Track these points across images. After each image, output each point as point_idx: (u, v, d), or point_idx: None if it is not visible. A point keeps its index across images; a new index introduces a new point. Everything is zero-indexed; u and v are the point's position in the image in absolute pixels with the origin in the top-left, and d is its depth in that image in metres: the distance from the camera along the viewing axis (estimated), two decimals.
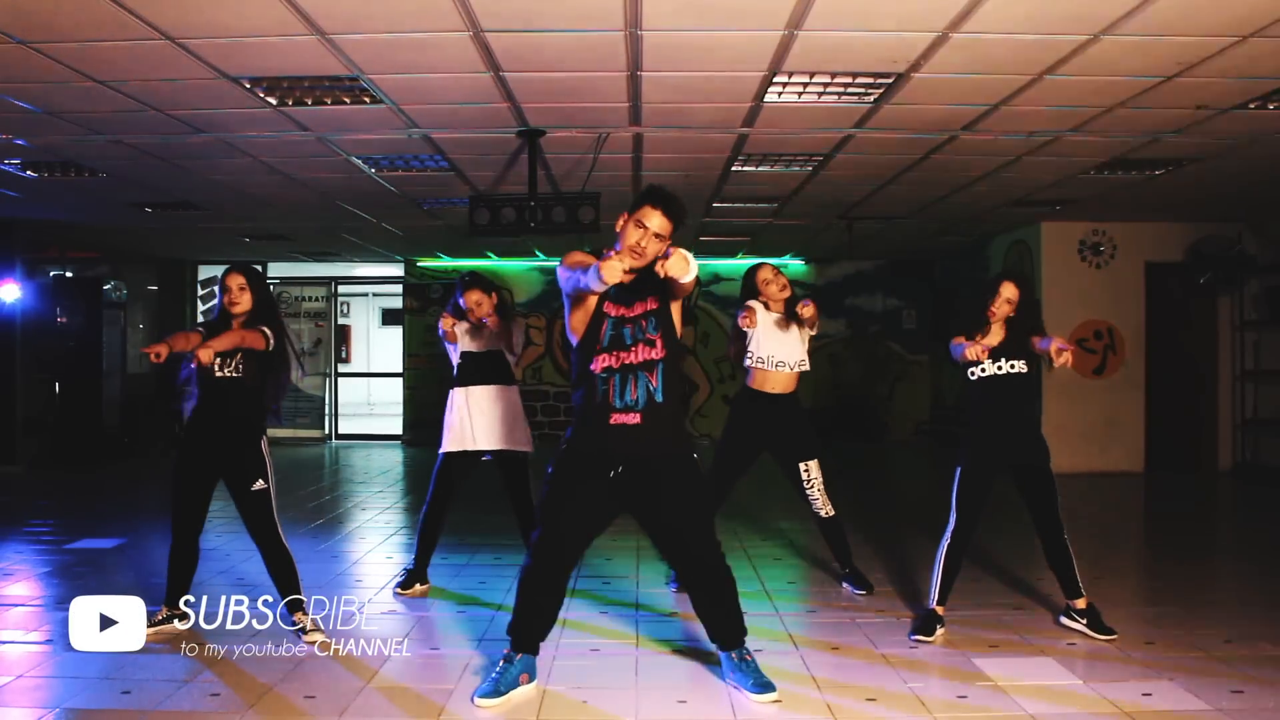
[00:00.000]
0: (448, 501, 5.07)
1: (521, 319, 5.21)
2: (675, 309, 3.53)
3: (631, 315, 3.45)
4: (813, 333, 4.99)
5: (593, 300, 3.47)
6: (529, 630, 3.57)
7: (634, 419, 3.42)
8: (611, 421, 3.42)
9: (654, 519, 3.62)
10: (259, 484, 4.23)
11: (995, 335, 4.30)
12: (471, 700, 3.46)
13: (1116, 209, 9.09)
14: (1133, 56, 4.70)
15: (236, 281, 4.22)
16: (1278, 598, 4.92)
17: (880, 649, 4.10)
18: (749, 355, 4.96)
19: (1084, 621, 4.28)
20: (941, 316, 13.16)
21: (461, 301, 5.00)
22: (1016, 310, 4.27)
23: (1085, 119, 5.85)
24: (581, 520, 3.56)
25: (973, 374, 4.29)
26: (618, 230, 3.47)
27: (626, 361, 3.42)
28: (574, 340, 3.54)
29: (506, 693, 3.46)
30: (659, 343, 3.44)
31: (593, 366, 3.44)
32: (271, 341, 4.23)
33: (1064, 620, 4.38)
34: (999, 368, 4.26)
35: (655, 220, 3.37)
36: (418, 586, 5.06)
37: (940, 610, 4.28)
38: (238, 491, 4.24)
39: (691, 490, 3.56)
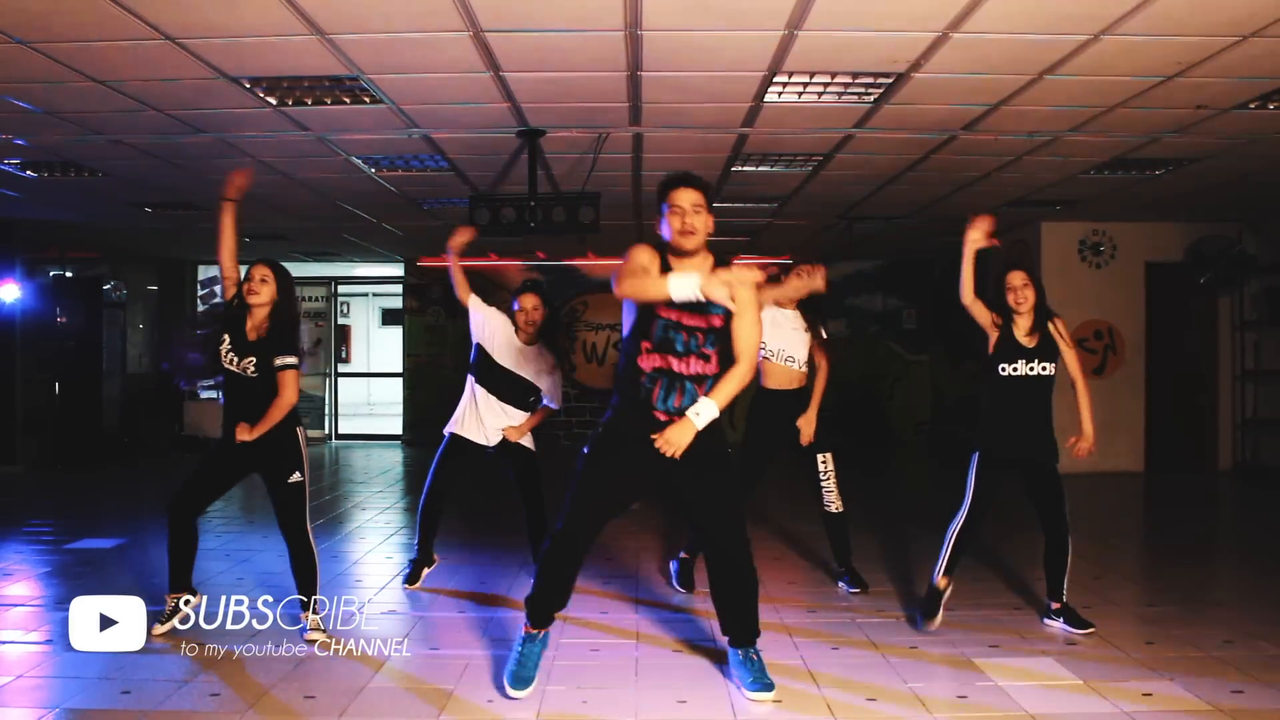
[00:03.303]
0: (449, 488, 5.04)
1: (559, 369, 5.05)
2: (743, 322, 3.45)
3: (688, 324, 3.41)
4: (819, 335, 5.12)
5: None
6: (548, 604, 3.59)
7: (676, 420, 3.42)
8: (655, 416, 3.43)
9: (685, 508, 3.65)
10: (295, 476, 4.19)
11: (1030, 335, 4.29)
12: (504, 694, 3.48)
13: (1116, 209, 9.09)
14: (1133, 56, 4.70)
15: (260, 272, 4.14)
16: (1278, 598, 4.92)
17: (881, 648, 4.10)
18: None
19: (1061, 620, 4.31)
20: (941, 316, 13.16)
21: (515, 305, 4.92)
22: (1038, 299, 4.28)
23: (1085, 119, 5.85)
24: (611, 496, 3.57)
25: (1004, 370, 4.28)
26: (660, 233, 3.49)
27: (677, 370, 3.41)
28: (626, 324, 3.53)
29: (535, 673, 3.52)
30: (714, 358, 3.44)
31: (641, 362, 3.43)
32: (297, 377, 4.21)
33: (1046, 621, 4.40)
34: (1030, 369, 4.27)
35: (685, 196, 3.41)
36: (426, 570, 5.08)
37: (943, 583, 4.29)
38: (274, 483, 4.19)
39: (723, 486, 3.55)
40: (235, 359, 4.14)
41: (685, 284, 3.19)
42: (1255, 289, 9.76)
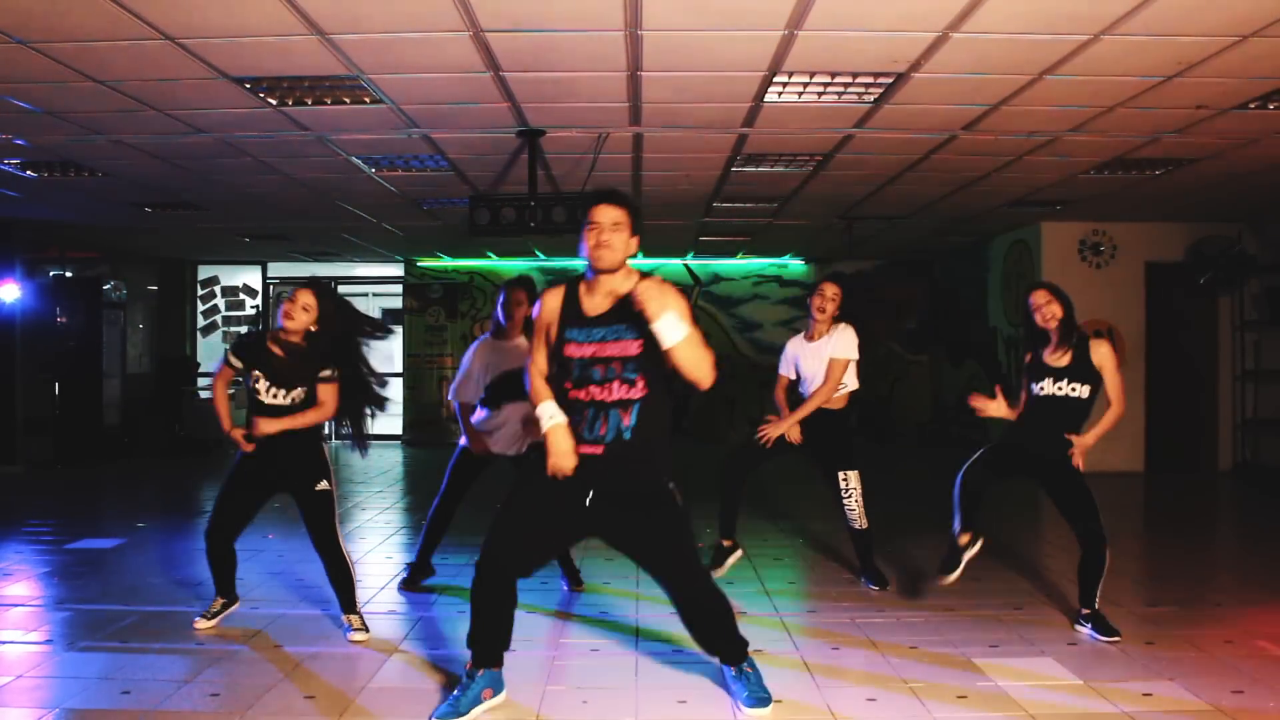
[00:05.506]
0: (460, 496, 5.05)
1: None
2: (679, 350, 3.08)
3: (603, 357, 3.20)
4: (842, 356, 5.22)
5: (552, 336, 3.30)
6: (491, 642, 3.35)
7: (597, 450, 3.22)
8: (577, 449, 3.23)
9: (631, 551, 3.48)
10: (323, 484, 4.23)
11: (1063, 355, 4.34)
12: None
13: (1116, 209, 9.10)
14: (1133, 56, 4.71)
15: (303, 298, 4.15)
16: (1278, 597, 4.92)
17: (880, 648, 4.10)
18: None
19: (1090, 626, 4.27)
20: (942, 316, 13.16)
21: (499, 306, 4.95)
22: (1065, 313, 4.32)
23: (1085, 119, 5.85)
24: (538, 530, 3.33)
25: (1036, 388, 4.36)
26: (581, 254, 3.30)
27: (599, 399, 3.20)
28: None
29: (468, 712, 3.25)
30: (640, 383, 3.20)
31: (565, 394, 3.28)
32: (337, 390, 4.19)
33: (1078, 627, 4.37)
34: (1058, 389, 4.31)
35: (605, 213, 3.19)
36: (423, 579, 5.08)
37: (964, 539, 4.33)
38: (302, 495, 4.22)
39: (664, 524, 3.33)
40: (280, 392, 4.13)
41: (547, 415, 3.21)
42: (1255, 289, 9.76)
